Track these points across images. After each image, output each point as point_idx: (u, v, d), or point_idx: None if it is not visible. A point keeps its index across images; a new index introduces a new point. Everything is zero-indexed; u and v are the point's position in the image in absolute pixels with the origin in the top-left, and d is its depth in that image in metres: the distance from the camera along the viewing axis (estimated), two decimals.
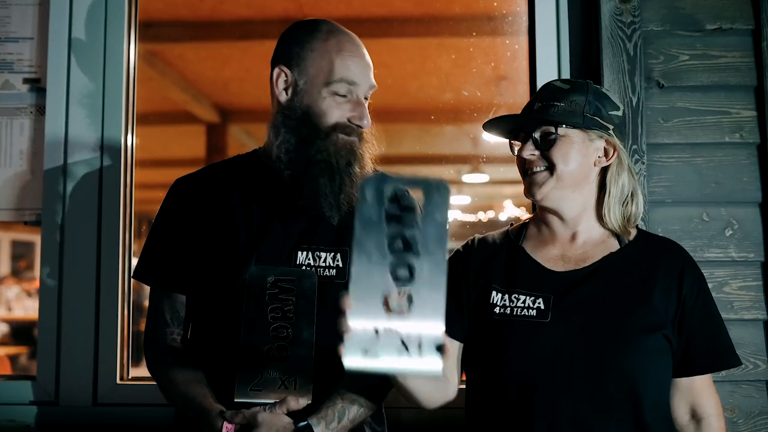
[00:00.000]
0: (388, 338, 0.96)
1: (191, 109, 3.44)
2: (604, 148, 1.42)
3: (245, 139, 3.64)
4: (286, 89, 1.50)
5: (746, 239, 1.79)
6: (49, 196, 1.91)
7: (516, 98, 2.15)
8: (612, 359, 1.30)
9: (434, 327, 0.96)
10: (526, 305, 1.37)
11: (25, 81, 1.97)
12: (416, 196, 1.01)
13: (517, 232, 1.51)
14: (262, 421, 1.29)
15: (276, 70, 1.50)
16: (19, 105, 1.97)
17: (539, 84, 1.90)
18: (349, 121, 1.46)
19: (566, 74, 1.90)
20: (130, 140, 1.98)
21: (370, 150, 1.51)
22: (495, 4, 2.20)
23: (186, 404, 1.41)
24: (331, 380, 1.39)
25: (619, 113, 1.44)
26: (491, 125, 1.47)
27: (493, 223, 3.64)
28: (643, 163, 1.78)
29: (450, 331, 1.37)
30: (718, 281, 1.78)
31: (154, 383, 1.86)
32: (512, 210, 3.52)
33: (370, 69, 1.50)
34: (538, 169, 1.39)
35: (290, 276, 1.39)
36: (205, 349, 1.47)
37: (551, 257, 1.43)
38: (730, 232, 1.80)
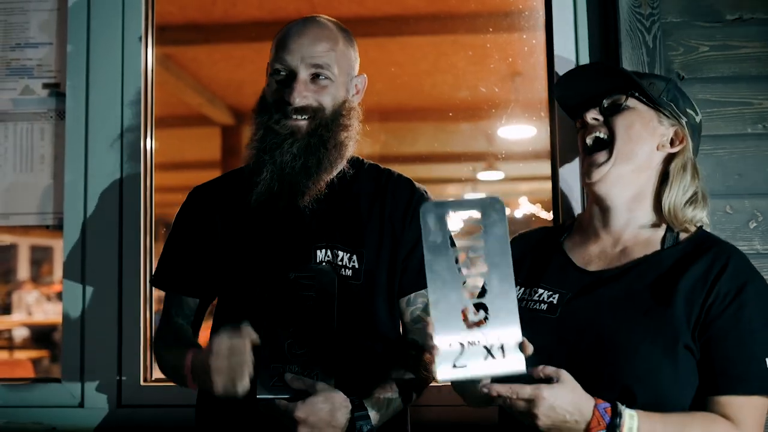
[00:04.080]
0: (472, 348, 1.04)
1: (206, 112, 3.45)
2: (671, 139, 1.37)
3: None
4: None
5: None
6: (71, 200, 1.92)
7: (534, 94, 2.14)
8: (606, 364, 1.22)
9: (512, 330, 1.05)
10: (541, 299, 1.33)
11: (45, 86, 1.99)
12: (474, 215, 1.10)
13: (562, 228, 1.48)
14: (321, 390, 1.28)
15: None
16: (39, 110, 1.98)
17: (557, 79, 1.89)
18: (281, 98, 1.43)
19: None
20: (150, 144, 1.99)
21: (336, 138, 1.46)
22: None
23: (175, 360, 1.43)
24: (350, 373, 1.39)
25: (697, 117, 1.40)
26: (565, 87, 1.42)
27: (509, 220, 3.63)
28: None
29: None
30: None
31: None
32: (528, 207, 3.51)
33: (311, 47, 1.44)
34: (598, 135, 1.34)
35: (310, 273, 1.39)
36: None
37: (587, 255, 1.38)
38: (755, 224, 1.78)
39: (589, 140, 1.38)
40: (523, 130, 2.43)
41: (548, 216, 2.12)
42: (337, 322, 1.36)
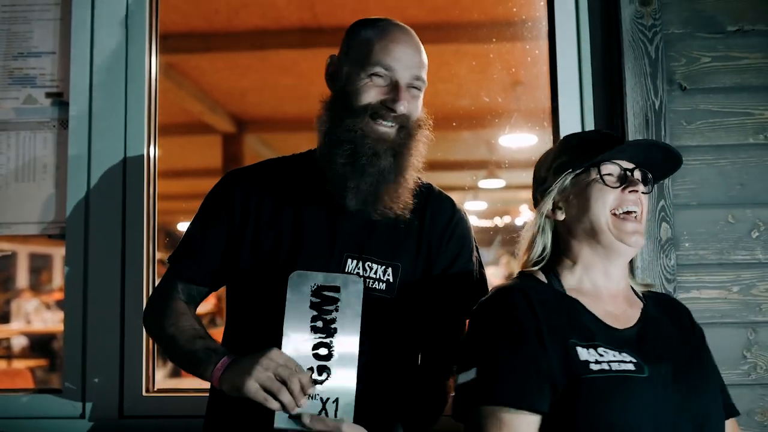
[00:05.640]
0: None
1: (207, 120, 3.45)
2: None
3: (261, 149, 3.66)
4: (332, 75, 1.50)
5: None
6: (73, 210, 1.92)
7: (536, 103, 2.15)
8: (706, 412, 1.28)
9: None
10: (617, 359, 1.26)
11: (48, 95, 1.99)
12: None
13: (551, 280, 1.38)
14: None
15: (328, 60, 1.50)
16: (42, 119, 1.98)
17: (560, 88, 1.90)
18: (381, 103, 1.40)
19: (587, 78, 1.89)
20: (153, 152, 1.99)
21: (417, 148, 1.44)
22: (514, 9, 2.20)
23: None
24: (374, 402, 1.35)
25: None
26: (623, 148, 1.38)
27: (509, 228, 3.63)
28: None
29: (535, 404, 1.21)
30: (746, 284, 1.76)
31: (181, 395, 1.88)
32: (529, 215, 3.51)
33: (414, 58, 1.43)
34: (635, 212, 1.35)
35: (334, 282, 1.29)
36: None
37: (606, 314, 1.35)
38: (757, 234, 1.78)
39: (625, 209, 1.34)
40: (525, 139, 2.44)
41: None
42: (365, 339, 1.29)
